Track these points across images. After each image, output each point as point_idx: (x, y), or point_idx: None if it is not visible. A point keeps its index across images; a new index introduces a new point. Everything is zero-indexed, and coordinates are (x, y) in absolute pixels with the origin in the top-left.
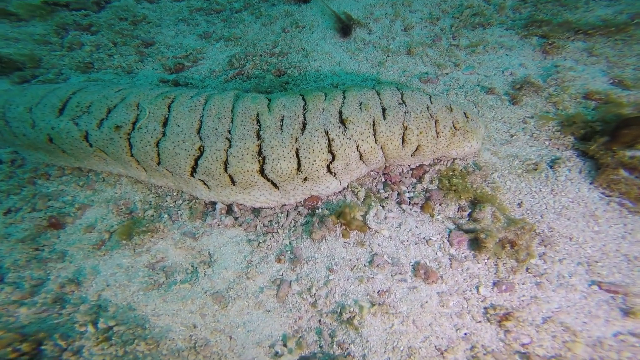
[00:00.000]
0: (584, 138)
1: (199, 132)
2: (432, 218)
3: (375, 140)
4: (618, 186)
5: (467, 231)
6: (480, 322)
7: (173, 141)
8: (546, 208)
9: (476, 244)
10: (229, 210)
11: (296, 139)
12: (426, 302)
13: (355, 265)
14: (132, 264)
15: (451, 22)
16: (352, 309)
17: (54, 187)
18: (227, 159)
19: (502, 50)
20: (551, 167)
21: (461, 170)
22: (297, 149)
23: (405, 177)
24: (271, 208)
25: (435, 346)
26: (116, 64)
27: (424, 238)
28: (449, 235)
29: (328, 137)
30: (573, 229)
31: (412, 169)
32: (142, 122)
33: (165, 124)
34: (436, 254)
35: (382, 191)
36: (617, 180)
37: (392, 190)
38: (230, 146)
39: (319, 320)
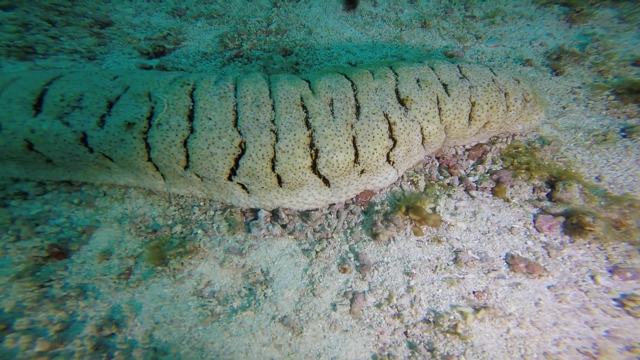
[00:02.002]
0: None
1: (235, 124)
2: (508, 203)
3: (440, 120)
4: None
5: (558, 214)
6: (618, 316)
7: (206, 138)
8: (634, 180)
9: (572, 228)
10: (274, 217)
11: (352, 125)
12: (539, 299)
13: (437, 266)
14: (175, 293)
15: None
16: (452, 316)
17: (38, 209)
18: (274, 156)
19: (522, 20)
20: (625, 136)
21: (526, 146)
22: (353, 137)
23: (462, 159)
24: (317, 209)
25: (577, 349)
26: (69, 48)
27: (505, 227)
28: (534, 220)
29: (388, 120)
30: None
31: (467, 150)
32: (160, 117)
33: (191, 118)
34: (526, 243)
35: (441, 177)
36: None
37: (452, 175)
38: (277, 139)
39: (405, 333)
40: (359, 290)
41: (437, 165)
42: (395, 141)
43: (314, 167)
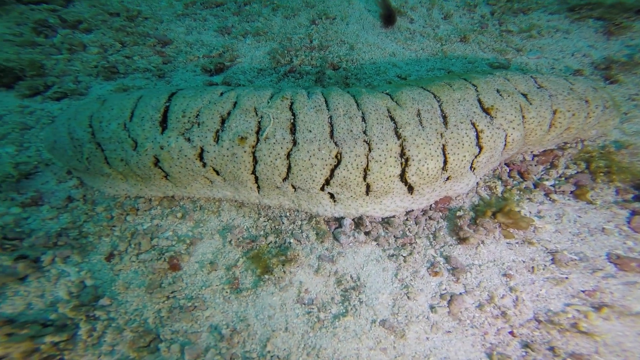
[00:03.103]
0: None
1: (332, 136)
2: (594, 205)
3: (524, 127)
4: None
5: None
6: None
7: (308, 150)
8: None
9: None
10: (356, 224)
11: (441, 134)
12: None
13: (534, 267)
14: (283, 301)
15: (490, 9)
16: (569, 315)
17: (148, 223)
18: (367, 165)
19: (558, 33)
20: None
21: (600, 151)
22: (444, 145)
23: (531, 165)
24: (394, 216)
25: None
26: (142, 67)
27: (595, 228)
28: (629, 221)
29: (476, 128)
30: None
31: (535, 156)
32: (268, 131)
33: (292, 131)
34: (625, 243)
35: (515, 183)
36: None
37: (525, 180)
38: (370, 149)
39: (511, 332)
40: (456, 292)
41: (507, 171)
42: (481, 148)
43: (401, 175)
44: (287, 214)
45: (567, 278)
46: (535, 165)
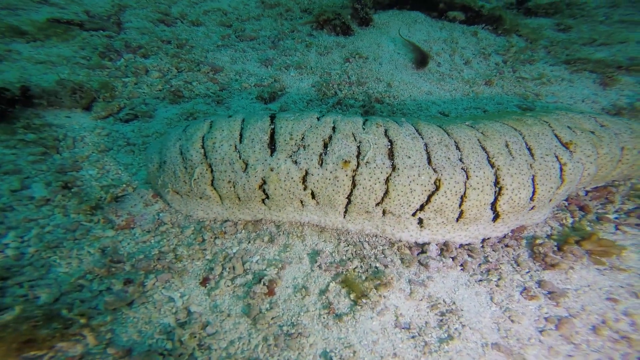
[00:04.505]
0: None
1: (429, 162)
2: None
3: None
4: None
5: None
6: None
7: (408, 176)
8: None
9: None
10: (441, 250)
11: (531, 165)
12: None
13: (637, 293)
14: (382, 326)
15: (501, 58)
16: None
17: (237, 247)
18: (465, 192)
19: (564, 82)
20: None
21: None
22: (534, 176)
23: (585, 200)
24: (471, 243)
25: None
26: (202, 92)
27: None
28: None
29: (559, 161)
30: None
31: (587, 192)
32: (369, 156)
33: (390, 156)
34: None
35: (580, 215)
36: None
37: (587, 213)
38: (468, 177)
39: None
40: (562, 315)
41: (567, 204)
42: (563, 181)
43: (492, 204)
44: (367, 239)
45: None
46: (590, 201)
